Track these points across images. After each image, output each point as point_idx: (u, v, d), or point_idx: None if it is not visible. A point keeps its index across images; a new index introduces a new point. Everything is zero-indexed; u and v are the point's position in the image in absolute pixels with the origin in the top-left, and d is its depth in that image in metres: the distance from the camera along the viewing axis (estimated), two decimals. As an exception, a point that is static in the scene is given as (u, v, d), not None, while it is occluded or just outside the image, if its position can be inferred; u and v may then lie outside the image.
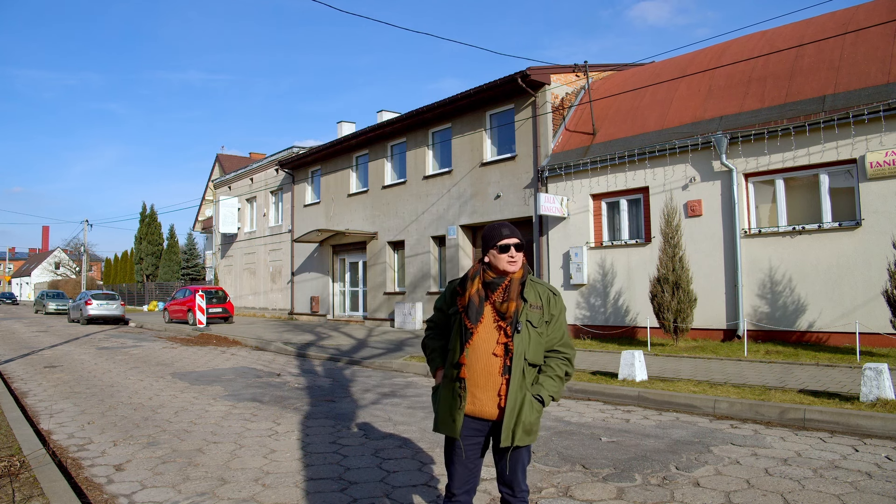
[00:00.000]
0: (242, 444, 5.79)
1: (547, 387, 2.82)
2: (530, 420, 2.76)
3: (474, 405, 2.79)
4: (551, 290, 2.91)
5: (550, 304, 2.86)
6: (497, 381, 2.76)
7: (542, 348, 2.84)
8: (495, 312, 2.80)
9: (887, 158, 10.24)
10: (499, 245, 2.82)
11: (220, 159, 45.88)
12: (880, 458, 5.03)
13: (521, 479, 2.88)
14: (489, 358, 2.76)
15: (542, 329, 2.82)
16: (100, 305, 25.64)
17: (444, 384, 2.88)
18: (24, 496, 4.08)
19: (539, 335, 2.81)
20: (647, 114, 14.24)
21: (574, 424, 6.46)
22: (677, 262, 11.64)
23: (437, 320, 3.06)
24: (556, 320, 2.87)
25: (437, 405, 2.91)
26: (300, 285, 25.28)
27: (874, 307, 10.17)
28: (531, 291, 2.86)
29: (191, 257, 50.54)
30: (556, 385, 2.85)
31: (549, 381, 2.83)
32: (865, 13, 12.25)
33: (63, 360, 12.90)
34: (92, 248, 76.87)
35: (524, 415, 2.74)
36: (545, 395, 2.80)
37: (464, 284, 2.91)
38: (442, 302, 3.03)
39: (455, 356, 2.82)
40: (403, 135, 20.24)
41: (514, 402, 2.73)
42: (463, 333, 2.81)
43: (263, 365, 11.85)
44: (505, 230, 2.86)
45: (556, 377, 2.85)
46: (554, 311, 2.87)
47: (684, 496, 4.25)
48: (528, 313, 2.80)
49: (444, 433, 2.85)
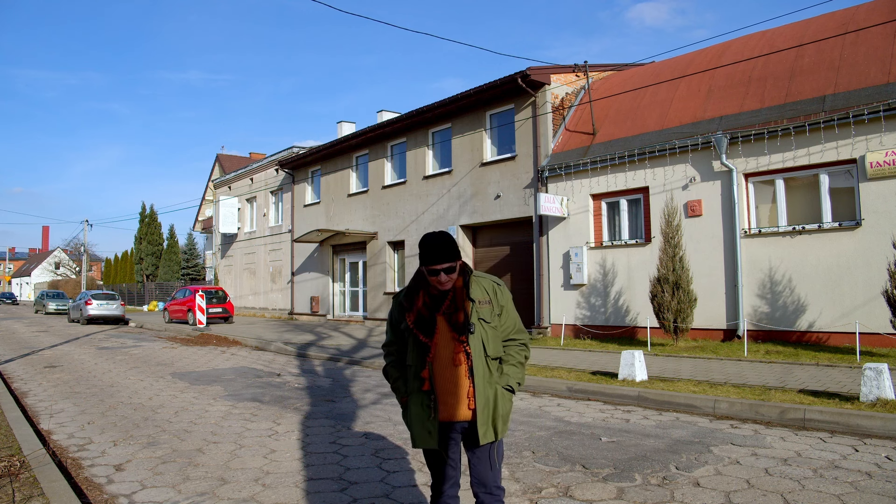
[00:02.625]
0: (242, 444, 5.79)
1: (512, 375, 2.88)
2: (506, 410, 2.84)
3: (446, 411, 2.80)
4: (495, 282, 2.94)
5: (498, 296, 2.90)
6: (465, 385, 2.78)
7: (499, 341, 2.89)
8: (447, 322, 2.80)
9: (887, 158, 10.23)
10: (427, 269, 2.76)
11: (220, 159, 45.89)
12: (880, 458, 5.03)
13: (497, 475, 2.90)
14: (452, 367, 2.78)
15: (494, 322, 2.86)
16: (100, 305, 25.64)
17: (412, 399, 2.87)
18: (24, 496, 4.08)
19: (494, 329, 2.86)
20: (647, 114, 14.24)
21: (574, 424, 6.46)
22: (677, 262, 11.65)
23: (392, 341, 3.01)
24: (505, 310, 2.91)
25: (409, 421, 2.90)
26: (300, 285, 25.28)
27: (874, 307, 10.17)
28: (477, 288, 2.87)
29: (191, 257, 50.55)
30: (518, 371, 2.91)
31: (512, 370, 2.89)
32: (865, 13, 12.25)
33: (63, 360, 12.90)
34: (92, 248, 76.92)
35: (500, 407, 2.81)
36: (513, 383, 2.87)
37: (409, 297, 2.88)
38: (392, 317, 3.00)
39: (417, 370, 2.82)
40: (403, 135, 20.24)
41: (485, 399, 2.78)
42: (420, 349, 2.81)
43: (263, 365, 11.85)
44: (434, 254, 2.72)
45: (518, 363, 2.92)
46: (502, 301, 2.91)
47: (684, 496, 4.25)
48: (479, 310, 2.82)
49: (423, 447, 2.85)
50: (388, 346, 3.04)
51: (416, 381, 2.83)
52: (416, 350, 2.83)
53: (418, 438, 2.85)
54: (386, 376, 3.04)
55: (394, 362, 3.01)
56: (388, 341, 3.04)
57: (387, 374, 3.04)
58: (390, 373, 3.02)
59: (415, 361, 2.84)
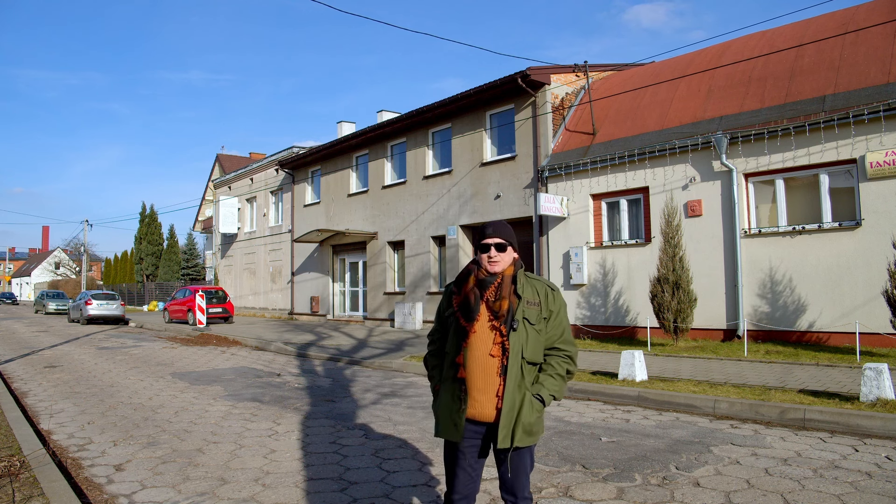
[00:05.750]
0: (242, 444, 5.79)
1: (547, 385, 2.74)
2: (530, 420, 2.68)
3: (474, 408, 2.71)
4: (549, 286, 2.84)
5: (549, 300, 2.79)
6: (496, 382, 2.69)
7: (541, 346, 2.76)
8: (489, 311, 2.74)
9: (887, 158, 10.23)
10: (480, 244, 2.79)
11: (220, 159, 45.91)
12: (880, 458, 5.03)
13: (524, 484, 2.79)
14: (486, 359, 2.69)
15: (539, 326, 2.74)
16: (100, 305, 25.65)
17: (444, 387, 2.83)
18: (24, 496, 4.08)
19: (537, 332, 2.74)
20: (647, 114, 14.24)
21: (574, 424, 6.46)
22: (677, 262, 11.65)
23: (437, 329, 3.00)
24: (555, 316, 2.78)
25: (437, 410, 2.84)
26: (300, 285, 25.28)
27: (874, 307, 10.17)
28: (528, 288, 2.79)
29: (191, 257, 50.54)
30: (556, 384, 2.76)
31: (549, 380, 2.75)
32: (865, 13, 12.25)
33: (63, 360, 12.90)
34: (92, 248, 76.88)
35: (524, 415, 2.67)
36: (545, 394, 2.72)
37: (459, 284, 2.86)
38: (441, 307, 2.98)
39: (453, 356, 2.77)
40: (403, 135, 20.24)
41: (511, 402, 2.66)
42: (459, 333, 2.76)
43: (263, 365, 11.85)
44: (488, 229, 2.79)
45: (557, 375, 2.77)
46: (553, 307, 2.79)
47: (684, 496, 4.25)
48: (526, 310, 2.73)
49: (447, 438, 2.77)
50: (432, 335, 3.03)
51: (451, 368, 2.77)
52: (455, 335, 2.78)
53: (443, 429, 2.77)
54: (425, 364, 3.07)
55: (434, 351, 2.99)
56: (433, 330, 3.03)
57: (426, 362, 3.06)
58: (429, 361, 3.03)
59: (452, 347, 2.79)
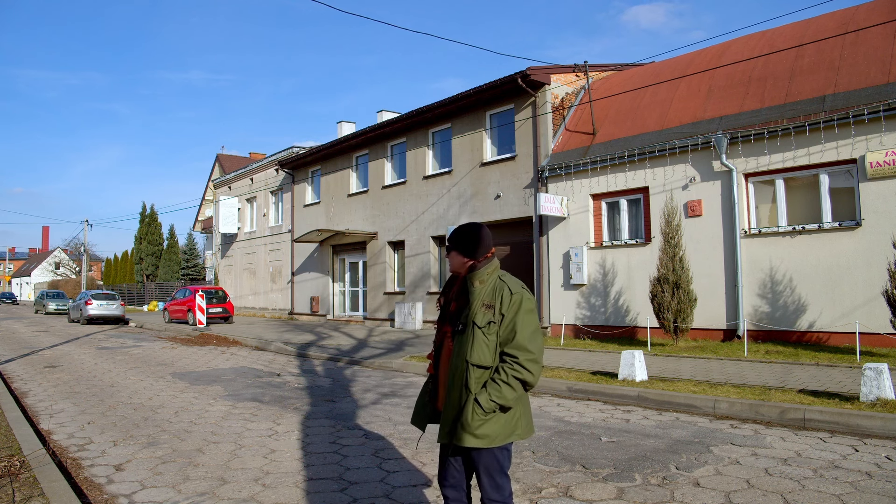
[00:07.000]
0: (242, 444, 5.79)
1: (490, 390, 2.64)
2: (473, 423, 2.63)
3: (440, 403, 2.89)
4: (509, 288, 2.73)
5: (503, 304, 2.69)
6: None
7: (489, 350, 2.68)
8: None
9: (887, 158, 10.23)
10: None
11: (220, 159, 45.91)
12: (880, 458, 5.03)
13: (487, 486, 2.74)
14: (448, 357, 2.84)
15: (487, 329, 2.67)
16: (100, 305, 25.65)
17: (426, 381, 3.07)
18: (24, 496, 4.08)
19: (485, 335, 2.67)
20: (647, 114, 14.24)
21: (574, 424, 6.46)
22: (677, 262, 11.65)
23: None
24: (506, 320, 2.68)
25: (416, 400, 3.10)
26: (300, 285, 25.28)
27: (874, 307, 10.17)
28: (488, 289, 2.76)
29: (191, 257, 50.54)
30: (497, 390, 2.63)
31: (492, 385, 2.65)
32: (865, 13, 12.25)
33: (63, 360, 12.90)
34: (92, 248, 76.87)
35: (465, 416, 2.65)
36: (483, 399, 2.63)
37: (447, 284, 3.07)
38: None
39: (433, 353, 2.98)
40: (403, 135, 20.24)
41: (450, 402, 2.75)
42: (437, 331, 2.98)
43: (263, 365, 11.85)
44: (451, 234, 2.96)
45: (501, 381, 2.64)
46: (505, 310, 2.68)
47: (684, 496, 4.25)
48: (476, 312, 2.71)
49: (414, 424, 3.02)
50: None
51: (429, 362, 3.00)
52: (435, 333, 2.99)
53: (413, 415, 3.03)
54: None
55: None
56: None
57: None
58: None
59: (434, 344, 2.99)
